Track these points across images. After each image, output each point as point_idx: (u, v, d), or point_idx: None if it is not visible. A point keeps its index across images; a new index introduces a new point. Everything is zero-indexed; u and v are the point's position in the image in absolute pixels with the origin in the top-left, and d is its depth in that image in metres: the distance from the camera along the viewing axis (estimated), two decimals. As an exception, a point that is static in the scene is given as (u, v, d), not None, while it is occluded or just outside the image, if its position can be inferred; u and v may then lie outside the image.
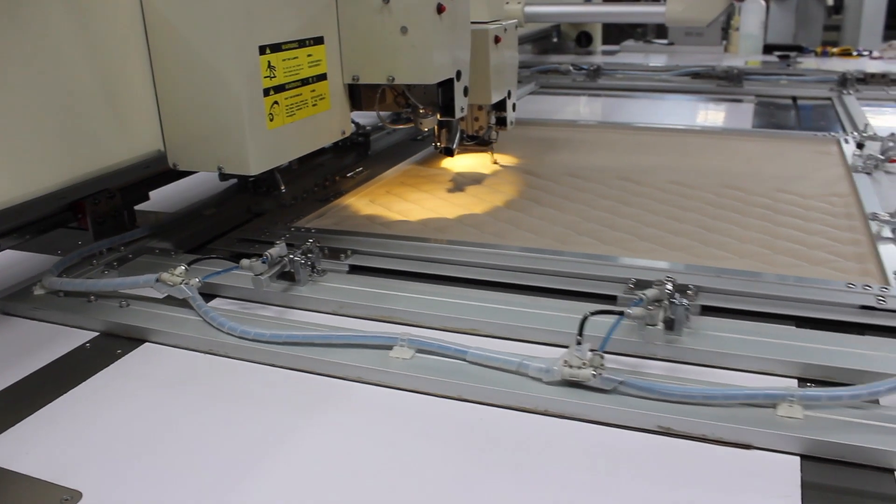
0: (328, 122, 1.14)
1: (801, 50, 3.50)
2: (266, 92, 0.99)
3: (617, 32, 3.75)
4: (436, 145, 1.44)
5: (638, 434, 0.71)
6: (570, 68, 2.43)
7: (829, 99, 2.10)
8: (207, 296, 0.97)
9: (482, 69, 1.32)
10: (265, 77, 0.99)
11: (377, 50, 1.12)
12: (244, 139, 0.97)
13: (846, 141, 1.53)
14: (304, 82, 1.07)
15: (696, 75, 2.34)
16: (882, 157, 1.37)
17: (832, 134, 1.63)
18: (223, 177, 1.22)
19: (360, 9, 1.11)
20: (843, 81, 2.18)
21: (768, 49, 3.41)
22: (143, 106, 1.00)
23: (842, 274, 0.98)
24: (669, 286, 0.83)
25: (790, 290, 0.93)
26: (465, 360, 0.79)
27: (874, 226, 1.10)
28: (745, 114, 2.13)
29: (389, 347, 0.81)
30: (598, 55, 3.38)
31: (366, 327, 0.90)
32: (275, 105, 1.01)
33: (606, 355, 0.79)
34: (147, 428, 0.73)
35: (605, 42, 3.58)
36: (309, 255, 0.99)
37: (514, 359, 0.77)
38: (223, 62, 0.95)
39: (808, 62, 2.89)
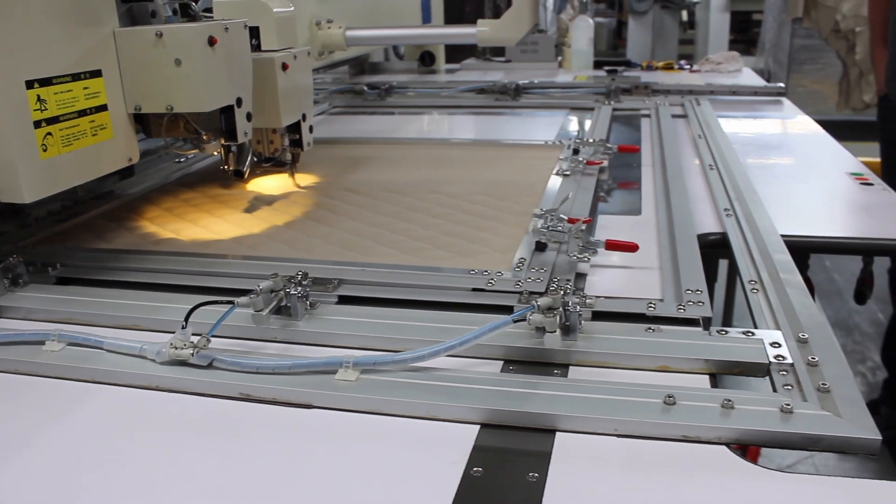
0: (112, 150, 1.21)
1: (628, 65, 3.79)
2: (37, 124, 1.05)
3: (459, 51, 3.95)
4: (224, 168, 1.51)
5: (227, 401, 0.85)
6: (365, 88, 2.60)
7: (593, 109, 2.31)
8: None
9: (271, 94, 1.43)
10: (35, 110, 1.04)
11: (155, 81, 1.21)
12: (15, 169, 1.03)
13: (568, 147, 1.72)
14: (82, 113, 1.13)
15: (480, 91, 2.55)
16: (581, 160, 1.57)
17: (562, 141, 1.83)
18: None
19: (137, 42, 1.19)
20: (608, 93, 2.41)
21: (599, 64, 3.68)
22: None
23: (480, 263, 1.14)
24: (302, 278, 0.99)
25: (421, 278, 1.09)
26: (102, 348, 0.92)
27: (533, 222, 1.28)
28: (535, 125, 2.33)
29: (42, 342, 0.94)
30: (442, 73, 3.58)
31: (47, 329, 1.02)
32: (48, 136, 1.07)
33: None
34: None
35: (448, 61, 3.78)
36: (14, 269, 1.11)
37: (137, 344, 0.91)
38: None
39: (636, 76, 3.14)
